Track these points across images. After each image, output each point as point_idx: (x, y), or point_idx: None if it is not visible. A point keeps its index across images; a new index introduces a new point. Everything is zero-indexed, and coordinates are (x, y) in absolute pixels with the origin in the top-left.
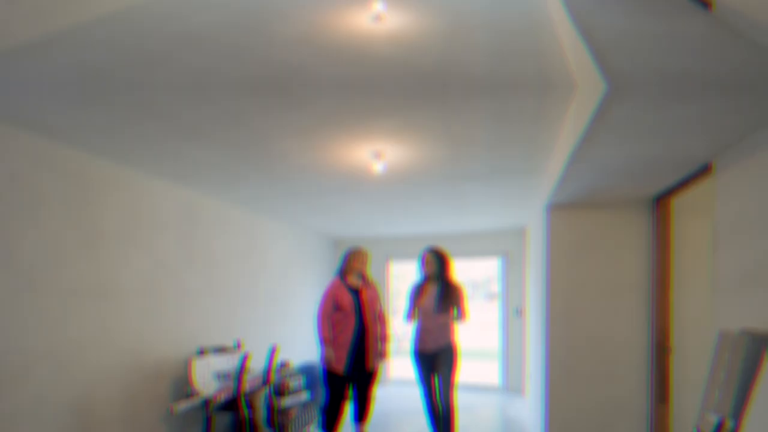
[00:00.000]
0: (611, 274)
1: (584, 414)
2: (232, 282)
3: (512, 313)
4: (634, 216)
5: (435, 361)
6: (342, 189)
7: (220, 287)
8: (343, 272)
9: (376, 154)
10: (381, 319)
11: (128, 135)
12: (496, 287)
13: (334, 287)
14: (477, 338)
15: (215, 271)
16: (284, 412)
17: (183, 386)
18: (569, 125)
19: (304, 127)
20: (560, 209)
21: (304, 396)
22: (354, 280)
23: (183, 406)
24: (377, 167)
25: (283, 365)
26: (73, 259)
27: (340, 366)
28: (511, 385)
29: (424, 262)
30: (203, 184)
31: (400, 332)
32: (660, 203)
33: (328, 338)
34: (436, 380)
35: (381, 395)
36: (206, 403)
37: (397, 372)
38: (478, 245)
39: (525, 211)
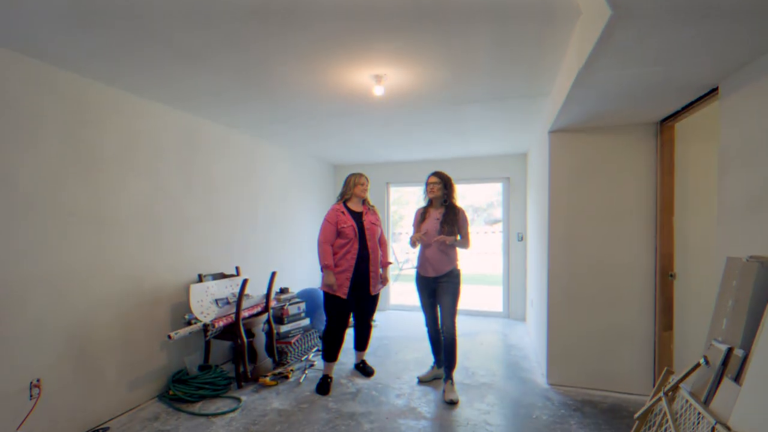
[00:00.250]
0: (614, 198)
1: (585, 341)
2: (232, 207)
3: (515, 239)
4: (638, 140)
5: (436, 288)
6: (342, 113)
7: (219, 213)
8: (345, 197)
9: (377, 77)
10: (382, 244)
11: (126, 59)
12: (497, 212)
13: (336, 212)
14: (479, 264)
15: (214, 197)
16: (284, 338)
17: (181, 313)
18: (573, 49)
19: (305, 50)
20: (562, 133)
21: (305, 322)
22: (356, 205)
23: (181, 333)
24: (377, 90)
25: (283, 291)
26: (72, 183)
27: (342, 291)
28: (513, 311)
29: (427, 186)
30: (203, 108)
31: (401, 257)
32: (664, 127)
33: (330, 264)
34: (437, 307)
35: (382, 321)
36: (205, 329)
37: (398, 297)
38: (479, 170)
39: (527, 135)
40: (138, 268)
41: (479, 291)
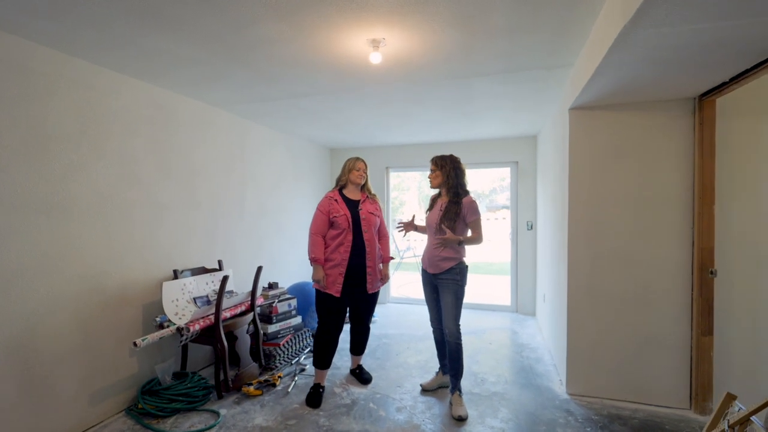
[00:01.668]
0: (644, 184)
1: (611, 346)
2: (216, 194)
3: (525, 227)
4: (672, 118)
5: (437, 285)
6: (337, 89)
7: (201, 200)
8: (340, 184)
9: (374, 42)
10: (383, 237)
11: (76, 18)
12: (499, 199)
13: (329, 200)
14: (482, 252)
15: (196, 183)
16: (272, 339)
17: (155, 314)
18: (615, 3)
19: (290, 6)
20: (585, 111)
21: (296, 321)
22: (353, 193)
23: (149, 339)
24: (374, 58)
25: (271, 286)
26: (16, 167)
27: (335, 288)
28: (521, 305)
29: (430, 173)
30: (179, 82)
31: (402, 245)
32: (704, 103)
33: (318, 257)
34: (440, 306)
35: (381, 316)
36: (179, 333)
37: (400, 289)
38: (485, 154)
39: (538, 115)
40: (101, 263)
41: (484, 281)
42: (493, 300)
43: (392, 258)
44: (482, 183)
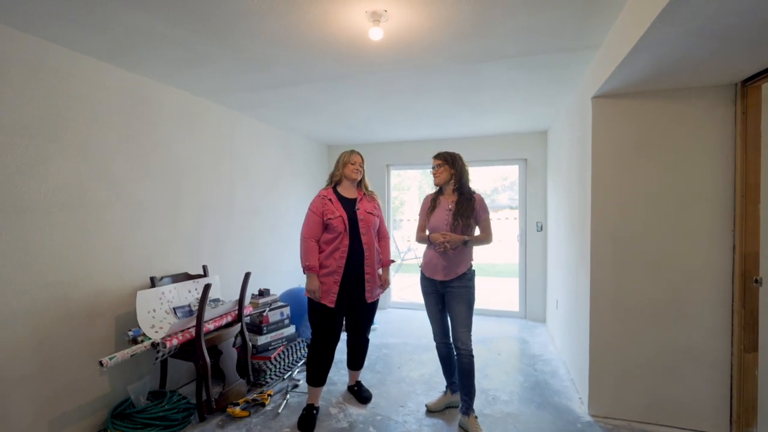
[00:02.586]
0: (678, 182)
1: (640, 362)
2: (202, 193)
3: (535, 228)
4: (711, 106)
5: (445, 294)
6: (333, 76)
7: (184, 200)
8: (335, 180)
9: (374, 15)
10: (383, 239)
11: None
12: (501, 198)
13: (323, 200)
14: (486, 253)
15: (179, 180)
16: (262, 352)
17: (130, 326)
18: None
19: None
20: (610, 100)
21: (289, 331)
22: (348, 191)
23: (118, 357)
24: (374, 34)
25: (262, 294)
26: None
27: (329, 298)
28: (531, 311)
29: (432, 171)
30: (156, 66)
31: (402, 246)
32: (748, 89)
33: (313, 265)
34: (447, 317)
35: (381, 322)
36: (156, 349)
37: (400, 293)
38: (492, 151)
39: (549, 108)
40: (66, 270)
41: (489, 284)
42: (499, 305)
43: (393, 261)
44: (484, 182)
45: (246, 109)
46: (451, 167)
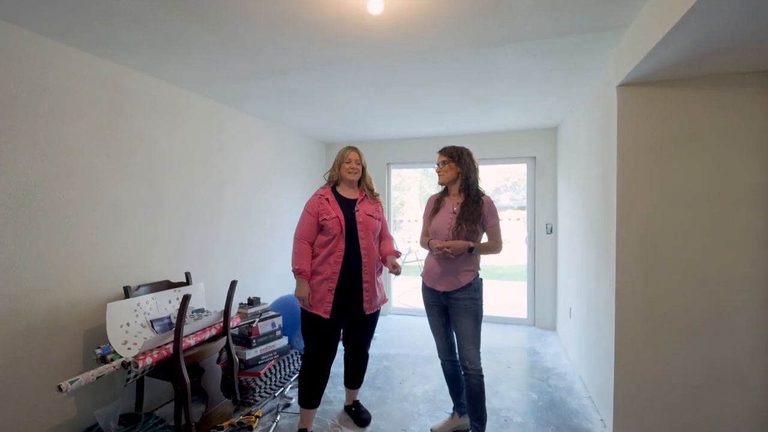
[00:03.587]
0: (717, 180)
1: (673, 381)
2: (186, 193)
3: (544, 230)
4: (755, 94)
5: (449, 307)
6: (328, 59)
7: (166, 200)
8: (332, 180)
9: None
10: (385, 240)
11: None
12: (503, 199)
13: (319, 199)
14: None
15: (160, 179)
16: (251, 367)
17: (98, 344)
18: None
19: None
20: (639, 89)
21: (281, 343)
22: (348, 191)
23: (85, 379)
24: (373, 6)
25: (251, 303)
26: None
27: (324, 308)
28: (540, 318)
29: (436, 168)
30: (132, 53)
31: (403, 249)
32: None
33: (303, 269)
34: (452, 333)
35: (381, 330)
36: (128, 369)
37: (401, 298)
38: (498, 149)
39: (563, 103)
40: (23, 279)
41: (493, 288)
42: (506, 311)
43: (399, 253)
44: (485, 182)
45: (235, 103)
46: (457, 164)
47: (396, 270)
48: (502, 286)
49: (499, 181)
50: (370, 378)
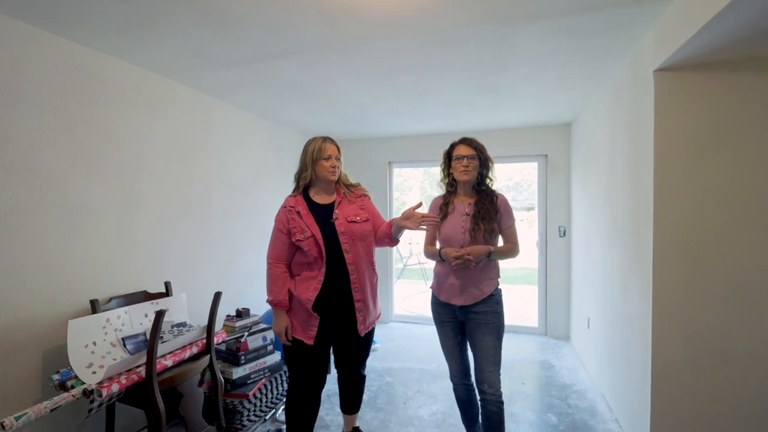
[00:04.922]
0: None
1: (721, 410)
2: (167, 194)
3: (557, 233)
4: None
5: (467, 323)
6: (325, 41)
7: (143, 201)
8: (303, 182)
9: None
10: (384, 224)
11: None
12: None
13: (288, 213)
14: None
15: (137, 178)
16: (238, 388)
17: (56, 369)
18: None
19: None
20: (681, 72)
21: (273, 359)
22: (323, 194)
23: (35, 413)
24: None
25: (240, 315)
26: None
27: (308, 333)
28: (552, 327)
29: (454, 163)
30: (105, 34)
31: (404, 251)
32: None
33: (280, 300)
34: (467, 353)
35: (382, 340)
36: (90, 399)
37: (403, 303)
38: (507, 146)
39: (581, 95)
40: None
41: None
42: (514, 319)
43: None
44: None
45: (223, 94)
46: (481, 164)
47: (412, 215)
48: (509, 290)
49: (501, 182)
50: (372, 397)
